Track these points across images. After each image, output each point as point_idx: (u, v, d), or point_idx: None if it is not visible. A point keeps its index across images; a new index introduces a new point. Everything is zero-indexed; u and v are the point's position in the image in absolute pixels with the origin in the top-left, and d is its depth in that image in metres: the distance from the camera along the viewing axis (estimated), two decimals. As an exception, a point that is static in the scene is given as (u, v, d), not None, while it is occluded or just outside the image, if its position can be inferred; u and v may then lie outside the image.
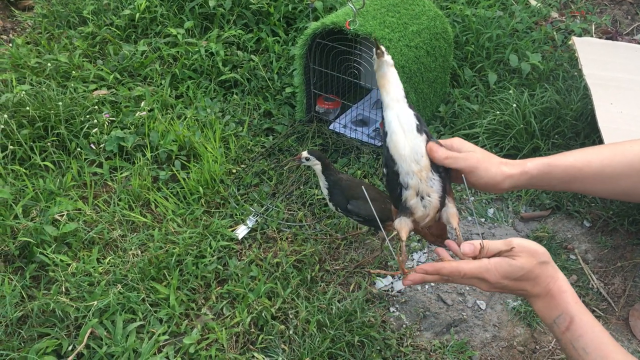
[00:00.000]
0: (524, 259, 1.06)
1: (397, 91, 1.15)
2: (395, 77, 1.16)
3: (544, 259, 1.07)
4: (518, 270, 1.06)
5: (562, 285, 1.07)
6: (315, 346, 1.67)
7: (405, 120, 1.13)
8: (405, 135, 1.13)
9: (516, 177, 1.15)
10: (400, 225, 1.25)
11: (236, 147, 2.48)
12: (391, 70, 1.16)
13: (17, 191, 2.14)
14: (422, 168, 1.15)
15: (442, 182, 1.15)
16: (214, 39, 2.95)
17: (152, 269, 1.88)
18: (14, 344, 1.64)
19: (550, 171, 1.16)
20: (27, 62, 2.81)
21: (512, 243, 1.08)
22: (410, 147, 1.13)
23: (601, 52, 2.58)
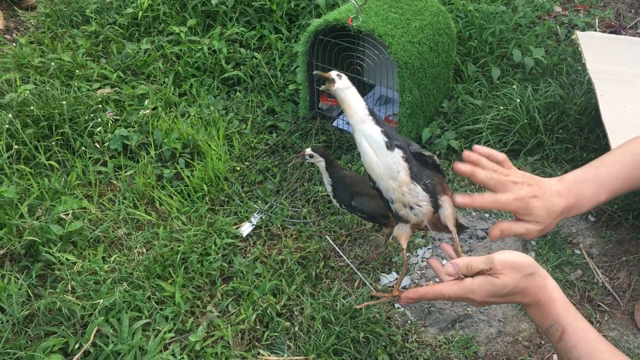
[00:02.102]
0: (507, 276, 1.05)
1: (359, 112, 1.15)
2: (354, 98, 1.16)
3: (530, 271, 1.06)
4: (502, 289, 1.06)
5: (552, 294, 1.05)
6: (320, 342, 1.67)
7: (373, 140, 1.13)
8: (377, 154, 1.14)
9: (568, 209, 1.15)
10: (399, 233, 1.25)
11: (240, 144, 2.48)
12: (348, 93, 1.16)
13: (23, 190, 2.15)
14: (400, 183, 1.15)
15: (428, 189, 1.15)
16: (216, 37, 2.96)
17: (158, 267, 1.89)
18: (20, 343, 1.65)
19: (601, 202, 1.17)
20: (30, 62, 2.82)
21: (494, 261, 1.06)
22: (384, 165, 1.14)
23: (605, 46, 2.57)
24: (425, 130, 2.43)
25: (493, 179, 1.12)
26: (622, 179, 1.17)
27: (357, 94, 1.18)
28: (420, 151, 1.16)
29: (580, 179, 1.17)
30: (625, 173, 1.17)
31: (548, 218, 1.13)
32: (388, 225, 1.86)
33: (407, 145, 1.16)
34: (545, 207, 1.12)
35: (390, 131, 1.15)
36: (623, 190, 1.18)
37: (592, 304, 1.87)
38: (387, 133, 1.14)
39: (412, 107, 2.32)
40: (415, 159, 1.17)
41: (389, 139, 1.13)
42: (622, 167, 1.18)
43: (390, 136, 1.14)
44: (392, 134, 1.15)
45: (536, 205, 1.11)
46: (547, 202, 1.12)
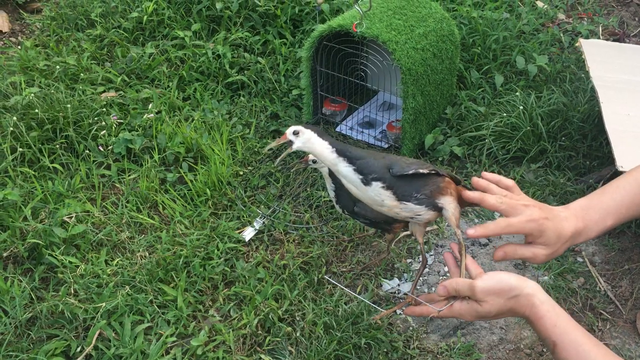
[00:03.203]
0: (489, 303, 1.07)
1: (328, 158, 1.16)
2: (318, 147, 1.17)
3: (513, 294, 1.06)
4: (487, 313, 1.08)
5: (539, 311, 1.05)
6: (322, 348, 1.67)
7: (349, 179, 1.15)
8: (358, 189, 1.15)
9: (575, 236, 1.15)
10: (413, 229, 1.27)
11: (243, 149, 2.49)
12: (310, 145, 1.18)
13: (26, 193, 2.16)
14: (390, 207, 1.16)
15: (421, 201, 1.15)
16: (221, 41, 2.97)
17: (160, 271, 1.89)
18: (23, 345, 1.66)
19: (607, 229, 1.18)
20: (35, 65, 2.83)
21: (475, 291, 1.08)
22: (368, 197, 1.16)
23: (608, 54, 2.58)
24: (428, 137, 2.44)
25: (504, 203, 1.12)
26: (627, 203, 1.18)
27: (320, 141, 1.17)
28: (402, 172, 1.15)
29: (586, 206, 1.19)
30: (629, 198, 1.18)
31: (558, 242, 1.13)
32: (391, 231, 1.86)
33: (387, 171, 1.15)
34: (555, 229, 1.12)
35: (364, 164, 1.15)
36: (630, 216, 1.19)
37: (594, 312, 1.86)
38: (361, 169, 1.14)
39: (415, 113, 2.33)
40: (400, 180, 1.16)
41: (363, 175, 1.14)
42: (626, 192, 1.19)
43: (364, 171, 1.14)
44: (367, 166, 1.15)
45: (549, 226, 1.12)
46: (557, 226, 1.13)
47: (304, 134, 1.19)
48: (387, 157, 1.17)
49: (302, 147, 1.21)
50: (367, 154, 1.17)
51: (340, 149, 1.17)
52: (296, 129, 1.20)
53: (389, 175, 1.14)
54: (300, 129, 1.20)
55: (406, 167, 1.14)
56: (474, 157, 2.43)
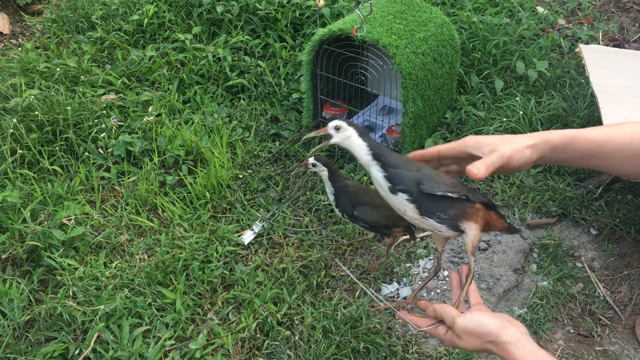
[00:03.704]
0: (466, 341, 1.08)
1: (363, 159, 1.16)
2: (355, 147, 1.17)
3: (490, 339, 1.06)
4: (464, 348, 1.10)
5: (515, 358, 1.04)
6: (320, 352, 1.67)
7: (378, 183, 1.15)
8: (386, 193, 1.15)
9: (540, 145, 1.11)
10: (434, 237, 1.27)
11: (243, 152, 2.49)
12: (349, 143, 1.18)
13: (26, 195, 2.16)
14: (411, 218, 1.17)
15: (443, 221, 1.15)
16: (221, 45, 2.97)
17: (159, 274, 1.89)
18: (21, 348, 1.66)
19: (573, 142, 1.12)
20: (36, 67, 2.83)
21: (454, 325, 1.09)
22: (393, 203, 1.16)
23: (608, 60, 2.58)
24: (428, 141, 2.44)
25: None
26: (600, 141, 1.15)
27: (360, 141, 1.17)
28: (430, 192, 1.14)
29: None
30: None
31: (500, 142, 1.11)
32: (390, 235, 1.86)
33: (416, 185, 1.13)
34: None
35: (396, 173, 1.14)
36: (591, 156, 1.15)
37: (593, 318, 1.86)
38: (391, 178, 1.14)
39: (415, 118, 2.33)
40: (427, 197, 1.15)
41: (392, 184, 1.14)
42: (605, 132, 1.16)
43: (394, 180, 1.14)
44: (398, 177, 1.14)
45: None
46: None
47: (346, 130, 1.18)
48: (422, 171, 1.16)
49: (340, 142, 1.19)
50: (402, 163, 1.16)
51: (376, 152, 1.16)
52: (338, 124, 1.18)
53: (417, 190, 1.13)
54: (343, 125, 1.18)
55: (436, 186, 1.13)
56: (473, 161, 2.43)
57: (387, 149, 1.17)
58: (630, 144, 1.12)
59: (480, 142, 1.12)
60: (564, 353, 1.76)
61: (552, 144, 1.11)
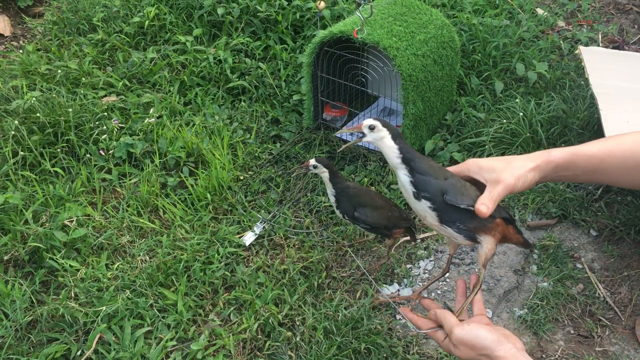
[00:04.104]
0: (461, 350, 1.11)
1: (392, 161, 1.17)
2: (387, 148, 1.18)
3: (485, 352, 1.08)
4: (458, 356, 1.13)
5: None
6: (321, 353, 1.67)
7: (404, 187, 1.17)
8: (409, 197, 1.17)
9: (542, 166, 1.12)
10: (449, 240, 1.28)
11: (244, 154, 2.50)
12: (380, 144, 1.18)
13: (28, 197, 2.17)
14: (430, 224, 1.19)
15: (461, 231, 1.16)
16: (222, 47, 2.98)
17: (160, 275, 1.90)
18: (23, 349, 1.66)
19: (574, 160, 1.13)
20: (37, 69, 2.84)
21: (452, 335, 1.12)
22: (415, 207, 1.18)
23: (608, 61, 2.59)
24: (429, 143, 2.45)
25: None
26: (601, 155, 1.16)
27: (392, 143, 1.17)
28: (454, 203, 1.14)
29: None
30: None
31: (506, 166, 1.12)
32: (391, 236, 1.87)
33: (441, 195, 1.14)
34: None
35: (422, 180, 1.15)
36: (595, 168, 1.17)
37: (593, 319, 1.87)
38: (417, 184, 1.15)
39: (415, 119, 2.34)
40: (449, 207, 1.16)
41: (417, 190, 1.15)
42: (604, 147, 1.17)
43: (419, 187, 1.15)
44: (424, 184, 1.15)
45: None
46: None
47: (380, 131, 1.18)
48: (449, 180, 1.16)
49: (372, 142, 1.20)
50: (431, 170, 1.16)
51: (406, 157, 1.16)
52: (373, 124, 1.18)
53: (441, 199, 1.14)
54: (377, 125, 1.18)
55: (460, 198, 1.14)
56: (473, 163, 2.44)
57: (419, 154, 1.18)
58: (630, 156, 1.13)
59: (482, 167, 1.13)
60: (565, 354, 1.76)
61: (555, 164, 1.13)
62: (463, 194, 1.13)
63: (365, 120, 1.19)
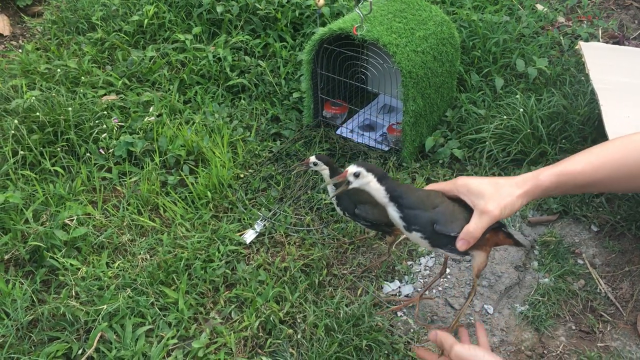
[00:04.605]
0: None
1: (381, 200, 1.23)
2: (374, 190, 1.23)
3: None
4: None
5: None
6: (323, 350, 1.67)
7: (396, 221, 1.23)
8: (401, 228, 1.23)
9: (531, 192, 1.14)
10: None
11: (244, 152, 2.50)
12: (367, 187, 1.24)
13: (28, 196, 2.17)
14: (423, 247, 1.28)
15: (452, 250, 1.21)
16: (221, 45, 2.97)
17: (161, 273, 1.90)
18: (24, 348, 1.66)
19: (563, 181, 1.15)
20: (36, 68, 2.84)
21: (451, 351, 1.15)
22: (407, 235, 1.25)
23: (608, 57, 2.58)
24: (429, 139, 2.44)
25: None
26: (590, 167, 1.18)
27: (378, 185, 1.22)
28: (445, 232, 1.19)
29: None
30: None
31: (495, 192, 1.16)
32: (391, 233, 1.87)
33: (431, 225, 1.19)
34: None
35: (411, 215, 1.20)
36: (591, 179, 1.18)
37: (594, 314, 1.87)
38: (407, 218, 1.21)
39: (415, 116, 2.33)
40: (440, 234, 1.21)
41: (407, 224, 1.21)
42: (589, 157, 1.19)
43: (409, 221, 1.21)
44: (414, 218, 1.20)
45: None
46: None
47: (365, 177, 1.23)
48: (437, 210, 1.20)
49: (359, 187, 1.25)
50: (419, 203, 1.20)
51: (394, 195, 1.22)
52: (358, 171, 1.23)
53: (431, 229, 1.19)
54: (362, 172, 1.23)
55: (450, 227, 1.18)
56: (474, 159, 2.44)
57: (406, 188, 1.22)
58: (619, 167, 1.14)
59: (471, 190, 1.17)
60: (566, 349, 1.76)
61: (543, 188, 1.15)
62: (452, 221, 1.18)
63: (349, 167, 1.24)
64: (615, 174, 1.14)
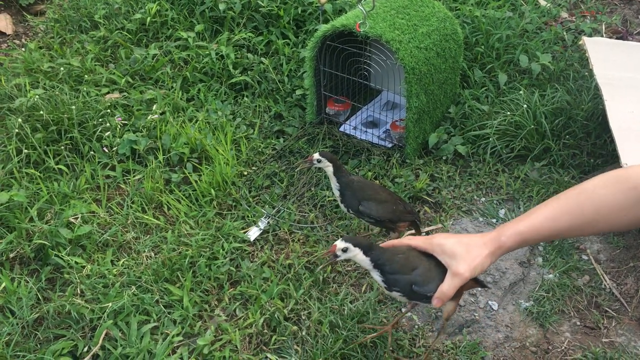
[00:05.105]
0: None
1: (366, 267, 1.36)
2: (361, 261, 1.35)
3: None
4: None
5: None
6: (327, 347, 1.68)
7: (379, 283, 1.37)
8: (383, 288, 1.38)
9: (497, 252, 1.23)
10: None
11: (247, 149, 2.50)
12: (353, 258, 1.35)
13: (32, 194, 2.17)
14: (403, 301, 1.47)
15: (428, 301, 1.33)
16: (224, 42, 2.97)
17: (166, 271, 1.90)
18: (30, 346, 1.67)
19: (525, 239, 1.22)
20: (40, 67, 2.84)
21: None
22: (389, 294, 1.39)
23: (612, 52, 2.58)
24: (432, 136, 2.44)
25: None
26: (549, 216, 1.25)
27: (363, 257, 1.34)
28: (422, 293, 1.33)
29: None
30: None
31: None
32: (395, 230, 1.87)
33: (409, 286, 1.33)
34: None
35: (393, 279, 1.34)
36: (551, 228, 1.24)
37: (599, 310, 1.87)
38: (389, 282, 1.35)
39: (419, 113, 2.33)
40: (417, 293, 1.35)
41: (388, 286, 1.36)
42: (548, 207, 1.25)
43: (390, 284, 1.35)
44: (394, 282, 1.34)
45: None
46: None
47: (352, 251, 1.34)
48: (416, 272, 1.32)
49: (345, 259, 1.36)
50: (400, 268, 1.33)
51: (378, 263, 1.34)
52: (345, 247, 1.33)
53: (410, 289, 1.33)
54: (349, 247, 1.33)
55: (427, 287, 1.31)
56: (477, 155, 2.44)
57: (389, 254, 1.35)
58: (575, 219, 1.19)
59: (444, 250, 1.27)
60: (571, 345, 1.76)
61: (506, 247, 1.24)
62: (429, 282, 1.31)
63: (337, 242, 1.34)
64: (574, 223, 1.19)
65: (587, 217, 1.18)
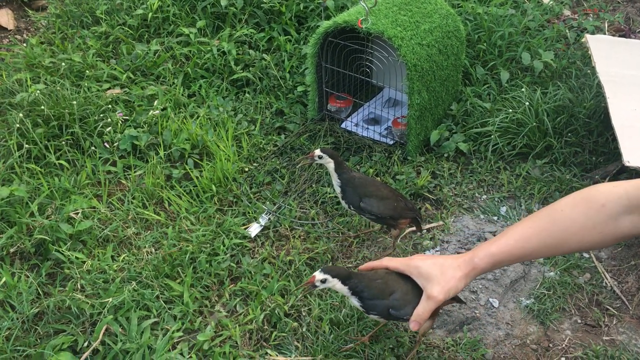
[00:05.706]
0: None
1: (345, 294, 1.44)
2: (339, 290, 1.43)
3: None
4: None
5: None
6: (328, 343, 1.67)
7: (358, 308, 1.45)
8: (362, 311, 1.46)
9: (470, 274, 1.28)
10: None
11: (248, 145, 2.49)
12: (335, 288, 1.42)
13: (33, 189, 2.17)
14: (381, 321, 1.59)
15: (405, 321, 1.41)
16: (226, 38, 2.97)
17: (166, 267, 1.90)
18: (30, 340, 1.67)
19: (498, 260, 1.25)
20: (41, 62, 2.84)
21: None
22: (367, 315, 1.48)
23: (614, 50, 2.57)
24: (434, 133, 2.43)
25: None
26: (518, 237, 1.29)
27: (341, 286, 1.41)
28: (398, 316, 1.41)
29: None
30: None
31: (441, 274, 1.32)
32: (396, 227, 1.86)
33: (386, 310, 1.40)
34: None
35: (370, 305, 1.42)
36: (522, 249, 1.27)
37: (600, 308, 1.86)
38: (367, 307, 1.43)
39: (420, 110, 2.32)
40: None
41: (366, 310, 1.43)
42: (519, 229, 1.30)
43: (369, 309, 1.43)
44: (372, 307, 1.42)
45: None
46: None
47: (330, 282, 1.40)
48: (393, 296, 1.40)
49: (325, 288, 1.42)
50: (378, 293, 1.40)
51: (356, 291, 1.42)
52: (324, 278, 1.39)
53: (387, 312, 1.41)
54: (328, 278, 1.39)
55: (403, 310, 1.39)
56: (479, 153, 2.43)
57: (368, 280, 1.42)
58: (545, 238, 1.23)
59: (421, 272, 1.33)
60: (572, 343, 1.76)
61: (480, 269, 1.28)
62: (405, 306, 1.39)
63: (316, 274, 1.39)
64: (545, 242, 1.23)
65: (557, 237, 1.21)
